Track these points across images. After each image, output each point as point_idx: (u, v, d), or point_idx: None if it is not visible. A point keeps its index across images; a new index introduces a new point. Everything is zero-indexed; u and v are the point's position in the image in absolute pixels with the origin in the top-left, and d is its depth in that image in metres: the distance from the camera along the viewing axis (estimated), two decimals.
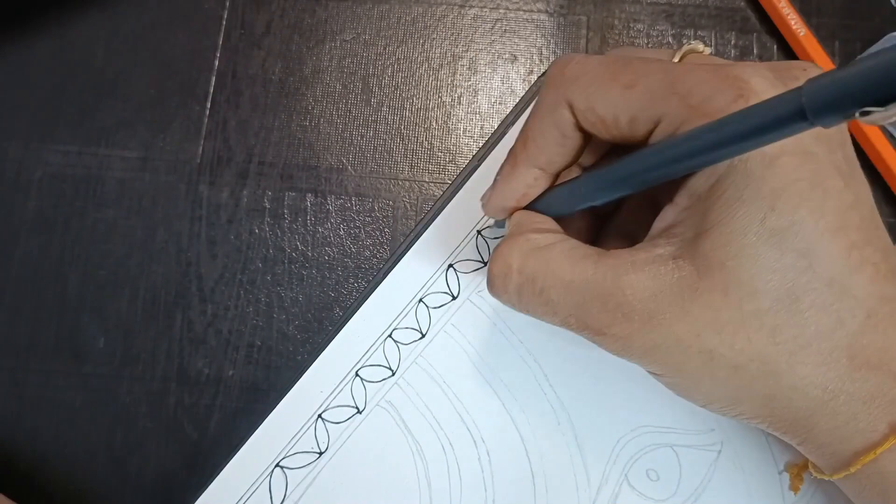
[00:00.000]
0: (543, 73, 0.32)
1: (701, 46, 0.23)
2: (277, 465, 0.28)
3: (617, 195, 0.22)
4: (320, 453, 0.28)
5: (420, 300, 0.29)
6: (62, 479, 0.29)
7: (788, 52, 0.33)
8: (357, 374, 0.28)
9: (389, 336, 0.29)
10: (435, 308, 0.29)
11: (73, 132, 0.32)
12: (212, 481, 0.27)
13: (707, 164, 0.20)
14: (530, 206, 0.25)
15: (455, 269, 0.29)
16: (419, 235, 0.29)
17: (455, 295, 0.29)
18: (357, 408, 0.28)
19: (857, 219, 0.20)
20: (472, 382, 0.28)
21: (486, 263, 0.29)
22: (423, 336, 0.29)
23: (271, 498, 0.27)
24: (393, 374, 0.28)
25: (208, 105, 0.33)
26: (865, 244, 0.20)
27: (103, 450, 0.30)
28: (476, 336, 0.28)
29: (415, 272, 0.29)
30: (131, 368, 0.30)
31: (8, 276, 0.31)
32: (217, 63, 0.33)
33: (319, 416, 0.28)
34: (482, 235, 0.29)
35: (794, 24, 0.32)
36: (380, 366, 0.28)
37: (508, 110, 0.33)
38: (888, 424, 0.20)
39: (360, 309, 0.29)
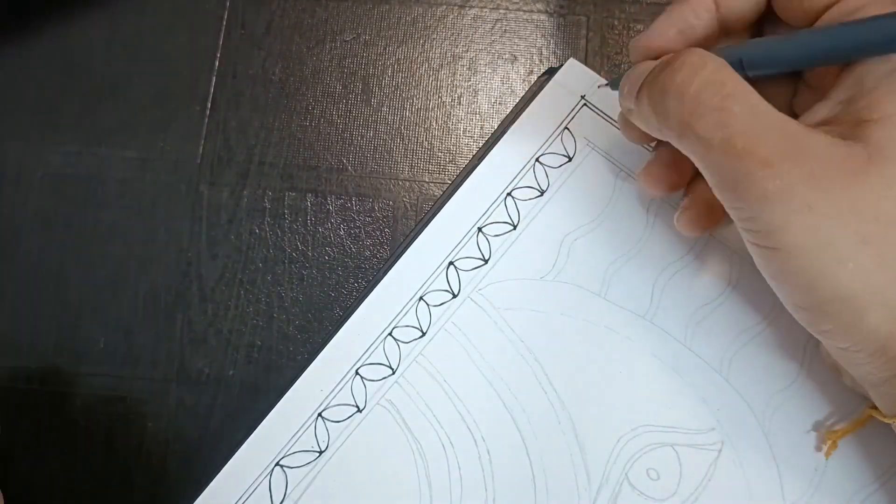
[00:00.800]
0: (543, 73, 0.32)
1: None
2: (277, 464, 0.27)
3: (780, 69, 0.22)
4: (320, 452, 0.28)
5: (420, 298, 0.29)
6: (63, 479, 0.29)
7: None
8: (357, 373, 0.28)
9: (390, 334, 0.29)
10: (435, 306, 0.29)
11: (73, 132, 0.32)
12: (212, 481, 0.27)
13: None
14: None
15: (456, 267, 0.29)
16: (419, 234, 0.29)
17: (455, 293, 0.29)
18: (357, 406, 0.28)
19: None
20: (473, 381, 0.28)
21: (486, 261, 0.29)
22: (424, 334, 0.29)
23: (271, 497, 0.27)
24: (393, 373, 0.28)
25: (209, 105, 0.33)
26: None
27: (103, 450, 0.30)
28: (477, 334, 0.28)
29: (415, 270, 0.29)
30: (131, 368, 0.30)
31: (8, 276, 0.31)
32: (217, 63, 0.33)
33: (319, 414, 0.28)
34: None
35: None
36: (380, 364, 0.28)
37: (508, 110, 0.33)
38: None
39: (361, 307, 0.29)
